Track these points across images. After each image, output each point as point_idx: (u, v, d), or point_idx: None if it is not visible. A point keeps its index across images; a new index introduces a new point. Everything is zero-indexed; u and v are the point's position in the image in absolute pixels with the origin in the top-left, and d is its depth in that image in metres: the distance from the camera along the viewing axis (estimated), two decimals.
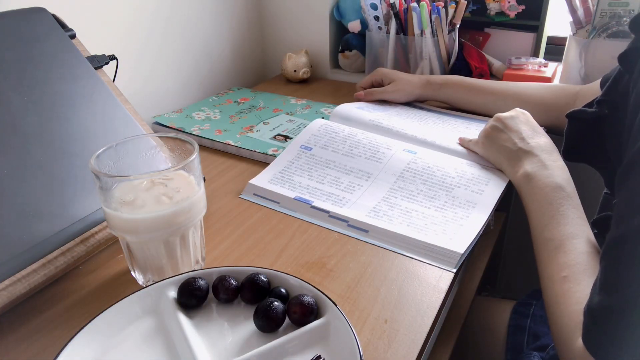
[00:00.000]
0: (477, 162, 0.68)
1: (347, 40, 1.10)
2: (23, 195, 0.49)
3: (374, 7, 0.96)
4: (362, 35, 1.07)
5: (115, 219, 0.44)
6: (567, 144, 0.58)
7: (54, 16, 0.62)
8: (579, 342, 0.40)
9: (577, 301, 0.44)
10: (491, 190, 0.61)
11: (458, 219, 0.58)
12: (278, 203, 0.63)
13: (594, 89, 0.70)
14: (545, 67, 0.94)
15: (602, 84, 0.69)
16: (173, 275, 0.45)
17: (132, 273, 0.49)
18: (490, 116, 0.82)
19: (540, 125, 0.79)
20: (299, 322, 0.41)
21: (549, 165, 0.58)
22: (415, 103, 0.89)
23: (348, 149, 0.71)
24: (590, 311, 0.39)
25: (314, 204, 0.61)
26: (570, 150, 0.58)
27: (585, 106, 0.55)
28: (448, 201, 0.60)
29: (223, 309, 0.44)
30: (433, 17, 0.91)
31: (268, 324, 0.41)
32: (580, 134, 0.56)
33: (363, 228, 0.57)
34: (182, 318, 0.42)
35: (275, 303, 0.41)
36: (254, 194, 0.65)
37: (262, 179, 0.67)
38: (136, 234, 0.45)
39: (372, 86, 0.91)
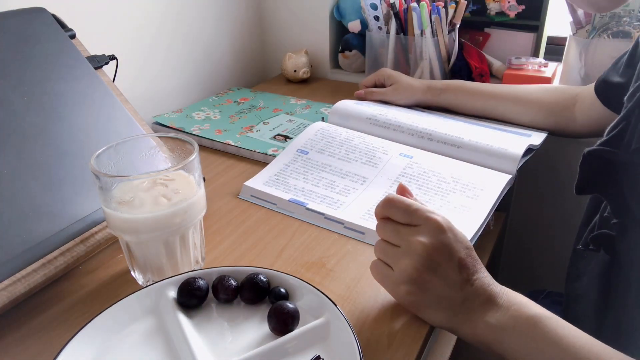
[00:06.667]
0: (475, 162, 0.68)
1: (347, 40, 1.10)
2: (23, 195, 0.48)
3: (374, 7, 0.96)
4: (362, 35, 1.07)
5: (114, 218, 0.44)
6: (582, 180, 0.54)
7: (54, 16, 0.62)
8: None
9: None
10: (486, 196, 0.61)
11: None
12: (275, 204, 0.63)
13: (593, 91, 0.70)
14: (545, 67, 0.94)
15: (597, 88, 0.69)
16: (173, 275, 0.45)
17: (132, 273, 0.49)
18: (491, 119, 0.82)
19: (541, 128, 0.79)
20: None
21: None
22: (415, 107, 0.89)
23: (344, 153, 0.71)
24: None
25: (308, 206, 0.61)
26: (583, 186, 0.54)
27: (601, 144, 0.51)
28: (443, 205, 0.60)
29: (223, 309, 0.44)
30: (433, 17, 0.91)
31: (284, 327, 0.41)
32: (597, 170, 0.53)
33: (359, 230, 0.57)
34: (182, 318, 0.42)
35: (289, 305, 0.41)
36: (251, 195, 0.65)
37: (257, 181, 0.67)
38: (136, 234, 0.45)
39: (375, 86, 0.91)
